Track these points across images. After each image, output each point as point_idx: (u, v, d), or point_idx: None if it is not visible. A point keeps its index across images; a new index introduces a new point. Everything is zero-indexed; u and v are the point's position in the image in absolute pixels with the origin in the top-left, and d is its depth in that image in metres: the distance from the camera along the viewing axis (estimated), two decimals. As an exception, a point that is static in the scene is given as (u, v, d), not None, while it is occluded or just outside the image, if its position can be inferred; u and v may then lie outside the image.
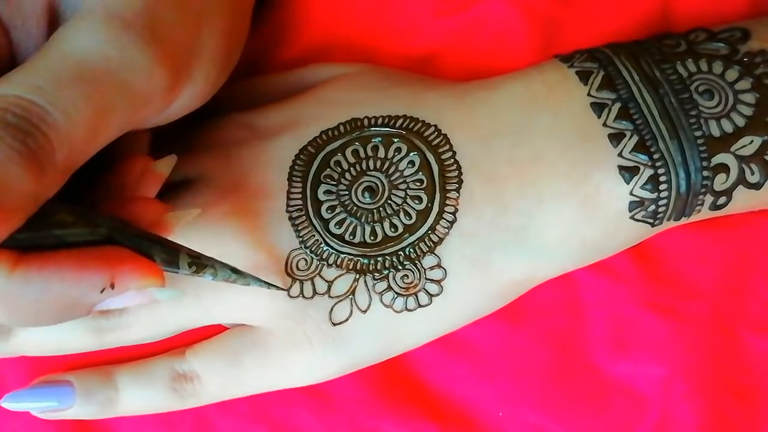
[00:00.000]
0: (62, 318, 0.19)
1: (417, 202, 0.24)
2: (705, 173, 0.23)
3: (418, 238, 0.24)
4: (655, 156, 0.23)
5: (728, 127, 0.23)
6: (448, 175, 0.24)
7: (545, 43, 0.27)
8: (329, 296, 0.24)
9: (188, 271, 0.20)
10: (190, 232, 0.24)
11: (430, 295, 0.24)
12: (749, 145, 0.23)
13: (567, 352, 0.26)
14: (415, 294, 0.24)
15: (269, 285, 0.22)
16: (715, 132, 0.23)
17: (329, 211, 0.24)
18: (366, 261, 0.24)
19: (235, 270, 0.21)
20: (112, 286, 0.19)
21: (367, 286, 0.24)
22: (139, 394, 0.25)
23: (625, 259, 0.26)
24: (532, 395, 0.26)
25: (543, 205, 0.23)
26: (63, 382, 0.26)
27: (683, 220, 0.24)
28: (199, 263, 0.20)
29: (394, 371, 0.26)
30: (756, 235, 0.27)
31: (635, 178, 0.23)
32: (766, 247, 0.27)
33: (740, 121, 0.23)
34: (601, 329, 0.26)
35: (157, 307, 0.25)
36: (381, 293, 0.24)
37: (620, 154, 0.23)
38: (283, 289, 0.24)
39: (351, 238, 0.24)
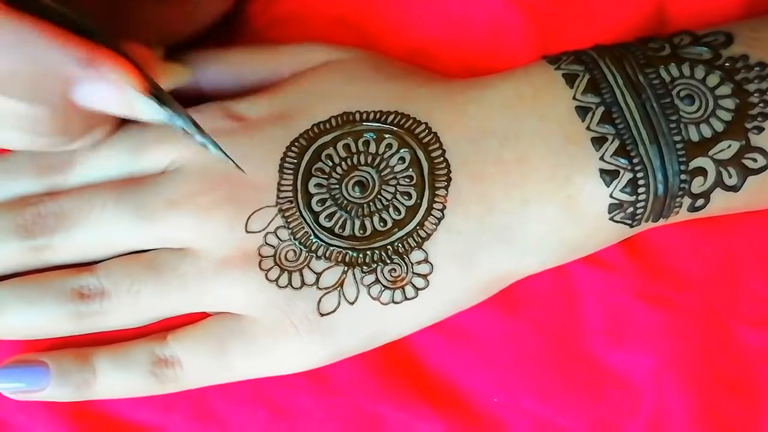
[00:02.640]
0: (37, 89, 0.19)
1: (406, 198, 0.25)
2: (683, 176, 0.24)
3: (406, 233, 0.24)
4: (635, 160, 0.24)
5: (707, 132, 0.24)
6: (437, 172, 0.25)
7: (540, 35, 0.27)
8: (317, 287, 0.24)
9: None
10: (180, 220, 0.25)
11: (417, 289, 0.24)
12: (727, 149, 0.24)
13: (562, 340, 0.27)
14: (402, 287, 0.24)
15: (227, 156, 0.22)
16: (694, 137, 0.24)
17: (319, 204, 0.25)
18: (355, 254, 0.24)
19: (196, 123, 0.21)
20: (92, 64, 0.19)
21: (355, 278, 0.24)
22: (117, 378, 0.25)
23: (617, 250, 0.27)
24: (527, 382, 0.27)
25: (527, 206, 0.24)
26: (37, 363, 0.25)
27: (662, 221, 0.25)
28: (159, 98, 0.20)
29: (394, 356, 0.27)
30: (746, 228, 0.27)
31: (615, 182, 0.24)
32: (757, 240, 0.28)
33: (719, 126, 0.24)
34: (594, 319, 0.27)
35: (140, 295, 0.25)
36: (369, 286, 0.24)
37: (602, 158, 0.24)
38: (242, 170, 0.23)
39: (341, 231, 0.25)
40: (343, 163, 0.25)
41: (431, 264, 0.24)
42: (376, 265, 0.24)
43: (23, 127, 0.21)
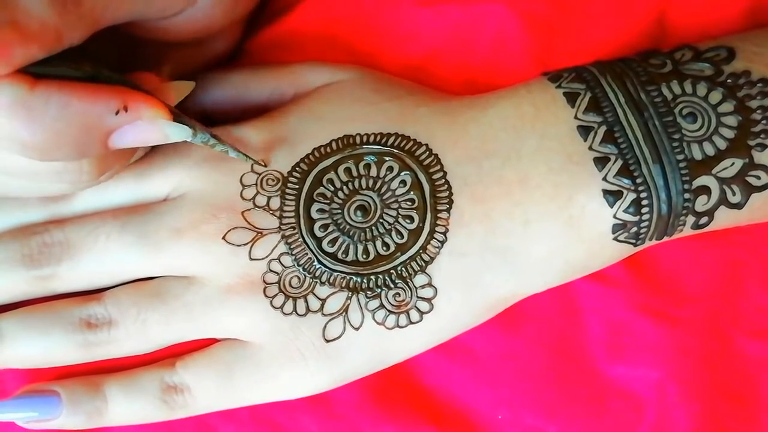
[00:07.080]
0: (80, 148, 0.20)
1: (408, 221, 0.25)
2: (686, 195, 0.24)
3: (409, 257, 0.24)
4: (638, 180, 0.24)
5: (710, 150, 0.24)
6: (438, 195, 0.25)
7: (541, 48, 0.27)
8: (322, 314, 0.24)
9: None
10: (184, 249, 0.25)
11: (421, 313, 0.24)
12: (730, 167, 0.24)
13: (564, 356, 0.27)
14: (407, 312, 0.24)
15: (247, 157, 0.23)
16: (697, 155, 0.24)
17: (322, 230, 0.25)
18: (358, 279, 0.24)
19: (214, 135, 0.22)
20: (126, 109, 0.20)
21: (359, 303, 0.24)
22: (128, 405, 0.25)
23: (619, 265, 0.26)
24: (530, 398, 0.27)
25: (529, 226, 0.24)
26: (49, 392, 0.26)
27: (665, 239, 0.25)
28: (181, 121, 0.22)
29: (395, 377, 0.27)
30: (748, 240, 0.27)
31: (618, 202, 0.24)
32: (758, 251, 0.27)
33: (722, 144, 0.24)
34: (597, 334, 0.27)
35: (147, 324, 0.25)
36: (373, 311, 0.24)
37: (605, 178, 0.24)
38: (262, 164, 0.25)
39: (344, 256, 0.25)
40: (344, 187, 0.25)
41: (435, 287, 0.24)
42: (380, 289, 0.24)
43: (64, 180, 0.22)
